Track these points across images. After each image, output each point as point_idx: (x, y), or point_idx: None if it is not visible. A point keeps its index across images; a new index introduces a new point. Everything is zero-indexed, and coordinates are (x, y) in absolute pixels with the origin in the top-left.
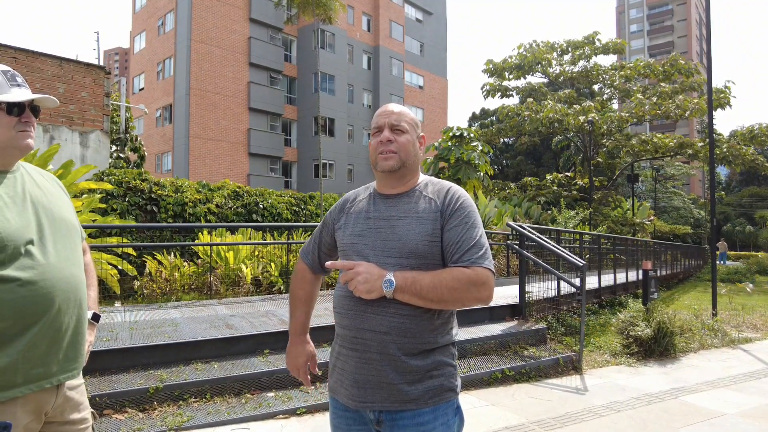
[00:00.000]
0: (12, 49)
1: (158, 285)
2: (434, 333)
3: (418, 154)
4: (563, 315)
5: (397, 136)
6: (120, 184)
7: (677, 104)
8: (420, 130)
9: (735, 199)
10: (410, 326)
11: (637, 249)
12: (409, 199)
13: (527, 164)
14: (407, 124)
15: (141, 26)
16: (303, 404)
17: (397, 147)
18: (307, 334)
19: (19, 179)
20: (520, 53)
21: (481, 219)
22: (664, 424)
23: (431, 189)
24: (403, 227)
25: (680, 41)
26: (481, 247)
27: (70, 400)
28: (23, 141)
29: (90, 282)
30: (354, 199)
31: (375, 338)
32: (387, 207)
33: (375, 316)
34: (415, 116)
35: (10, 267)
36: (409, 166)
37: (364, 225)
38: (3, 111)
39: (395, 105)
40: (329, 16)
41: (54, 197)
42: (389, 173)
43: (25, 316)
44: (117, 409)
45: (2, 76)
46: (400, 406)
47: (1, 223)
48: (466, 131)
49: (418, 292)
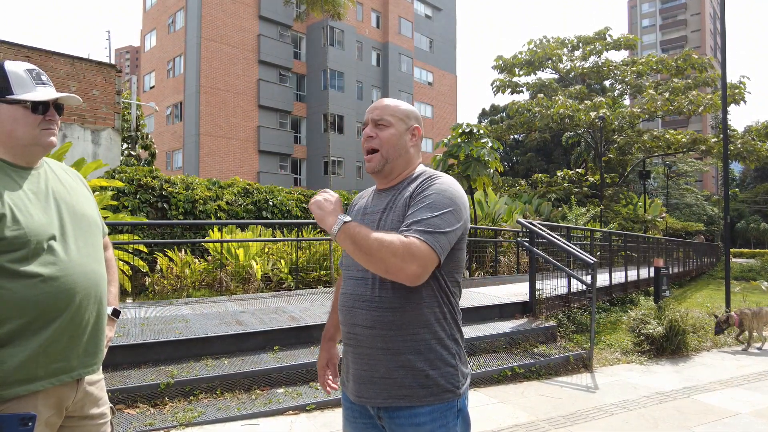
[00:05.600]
0: (25, 48)
1: (169, 281)
2: (425, 327)
3: (407, 147)
4: (574, 313)
5: (380, 131)
6: (131, 182)
7: (690, 100)
8: (414, 121)
9: (749, 196)
10: (393, 319)
11: (649, 246)
12: (395, 191)
13: (537, 161)
14: (392, 117)
15: (151, 24)
16: (312, 400)
17: (378, 143)
18: (332, 341)
19: (43, 176)
20: (530, 49)
21: (459, 210)
22: (677, 423)
23: (419, 179)
24: (385, 219)
25: (693, 36)
26: (429, 226)
27: (89, 394)
28: (47, 138)
29: (111, 278)
30: (360, 197)
31: (363, 333)
32: (378, 201)
33: (360, 311)
34: (409, 107)
35: (33, 263)
36: (395, 161)
37: (361, 220)
38: (28, 109)
39: (385, 99)
40: (338, 12)
41: (76, 193)
42: (373, 174)
43: (46, 312)
44: (129, 404)
45: (27, 74)
46: (394, 402)
47: (24, 219)
48: (476, 128)
49: (353, 236)
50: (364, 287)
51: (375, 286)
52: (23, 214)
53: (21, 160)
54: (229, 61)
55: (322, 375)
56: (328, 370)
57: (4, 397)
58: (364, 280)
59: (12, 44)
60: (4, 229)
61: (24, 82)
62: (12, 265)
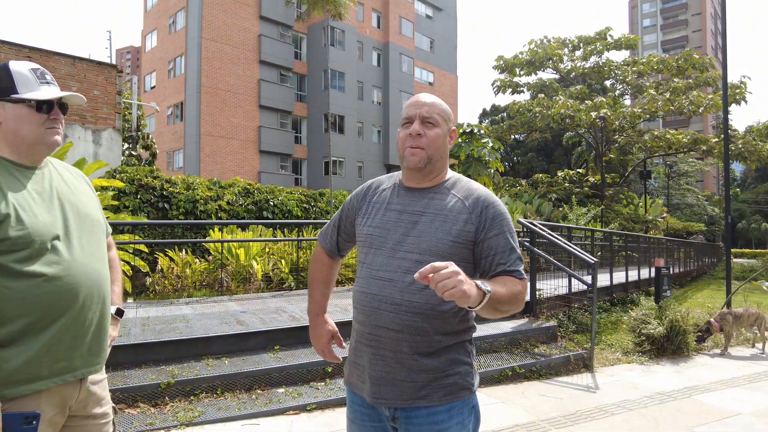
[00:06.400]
0: (26, 48)
1: (170, 281)
2: (448, 332)
3: (447, 149)
4: (574, 312)
5: (428, 129)
6: (132, 182)
7: (691, 100)
8: (452, 123)
9: (750, 196)
10: (423, 325)
11: (650, 246)
12: (434, 194)
13: (538, 161)
14: (439, 116)
15: (152, 25)
16: (313, 400)
17: (426, 142)
18: (325, 314)
19: (47, 175)
20: (531, 49)
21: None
22: (678, 423)
23: (460, 187)
24: (425, 223)
25: (694, 36)
26: (520, 256)
27: (92, 394)
28: (51, 138)
29: (114, 277)
30: (377, 188)
31: (388, 336)
32: (411, 200)
33: (389, 314)
34: (448, 108)
35: (37, 263)
36: (437, 162)
37: (385, 216)
38: (32, 108)
39: (428, 95)
40: (339, 12)
41: (80, 193)
42: (413, 170)
43: (50, 311)
44: (129, 403)
45: (32, 73)
46: (413, 403)
47: (29, 219)
48: (477, 128)
49: (495, 303)
50: (391, 289)
51: (404, 290)
52: (27, 214)
53: (25, 159)
54: (229, 61)
55: (329, 351)
56: (333, 341)
57: (8, 396)
58: (392, 282)
59: (13, 44)
60: (8, 229)
61: (28, 82)
62: (16, 264)
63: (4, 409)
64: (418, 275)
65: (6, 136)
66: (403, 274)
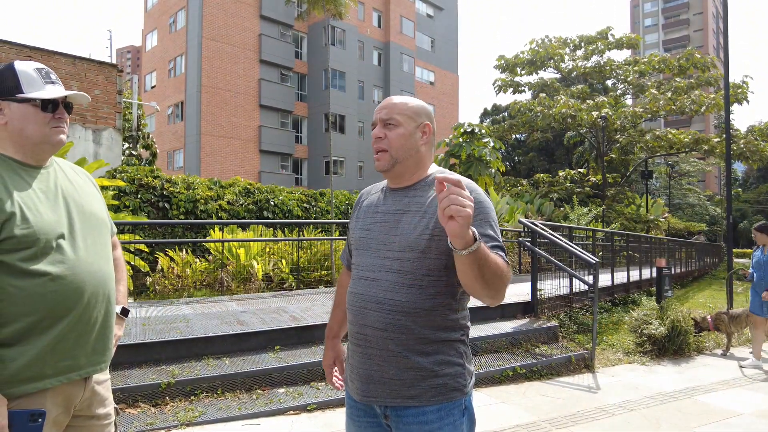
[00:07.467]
0: (27, 47)
1: (170, 281)
2: (434, 330)
3: (418, 146)
4: (575, 313)
5: (389, 131)
6: (132, 181)
7: (693, 99)
8: (425, 118)
9: (752, 196)
10: (407, 323)
11: (651, 246)
12: (415, 192)
13: (539, 160)
14: (400, 116)
15: (153, 24)
16: (314, 400)
17: (387, 144)
18: (337, 338)
19: (52, 174)
20: (532, 48)
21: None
22: (679, 424)
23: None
24: (406, 221)
25: (696, 35)
26: (503, 247)
27: (97, 394)
28: (57, 137)
29: (119, 276)
30: (368, 194)
31: (375, 334)
32: (394, 201)
33: (374, 312)
34: (419, 104)
35: (41, 262)
36: (406, 161)
37: (372, 219)
38: (37, 107)
39: (394, 97)
40: (340, 11)
41: (85, 192)
42: (384, 173)
43: (55, 310)
44: (130, 403)
45: (37, 73)
46: (402, 402)
47: (34, 218)
48: (478, 127)
49: (483, 260)
50: (376, 289)
51: (387, 289)
52: (33, 213)
53: (31, 158)
54: (230, 60)
55: (329, 373)
56: (335, 368)
57: (14, 395)
58: (376, 281)
59: (14, 44)
60: (14, 227)
61: (33, 81)
62: (21, 263)
63: (10, 408)
64: (439, 183)
65: (11, 135)
66: (387, 273)
